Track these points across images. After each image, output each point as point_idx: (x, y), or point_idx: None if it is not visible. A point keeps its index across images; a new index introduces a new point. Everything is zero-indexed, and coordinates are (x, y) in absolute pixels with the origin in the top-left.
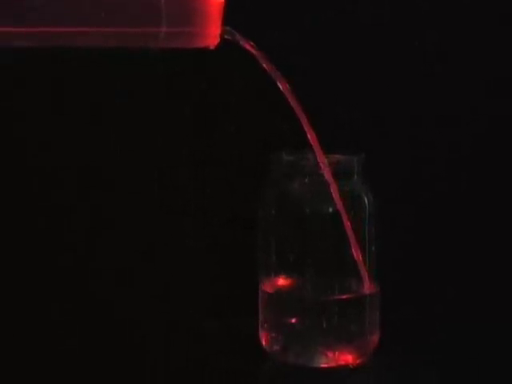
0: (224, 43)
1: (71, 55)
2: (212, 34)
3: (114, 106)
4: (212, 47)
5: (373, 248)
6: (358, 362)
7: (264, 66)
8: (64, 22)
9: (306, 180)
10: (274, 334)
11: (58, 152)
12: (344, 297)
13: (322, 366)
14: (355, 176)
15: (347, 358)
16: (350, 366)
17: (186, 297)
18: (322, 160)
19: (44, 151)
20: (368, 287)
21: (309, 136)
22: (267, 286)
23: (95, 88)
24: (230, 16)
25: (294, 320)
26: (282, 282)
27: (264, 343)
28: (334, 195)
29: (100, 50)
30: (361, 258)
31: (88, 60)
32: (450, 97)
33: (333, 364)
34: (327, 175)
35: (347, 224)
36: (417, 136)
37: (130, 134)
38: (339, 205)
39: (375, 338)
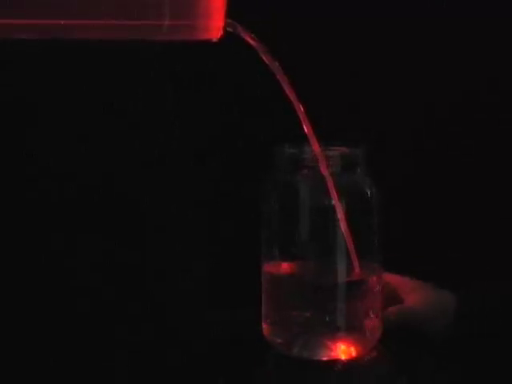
0: (226, 36)
1: (73, 48)
2: (215, 26)
3: (115, 99)
4: (215, 40)
5: (376, 239)
6: (359, 354)
7: (264, 58)
8: (66, 15)
9: (308, 172)
10: (276, 327)
11: (60, 150)
12: (342, 282)
13: (325, 358)
14: (358, 168)
15: (349, 351)
16: (340, 364)
17: (188, 288)
18: (318, 152)
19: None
20: (358, 274)
21: (305, 128)
22: (270, 273)
23: (98, 81)
24: (233, 9)
25: (295, 312)
26: (284, 269)
27: (267, 335)
28: (329, 186)
29: (103, 42)
30: (353, 247)
31: (91, 53)
32: (454, 90)
33: (335, 357)
34: (322, 167)
35: (341, 215)
36: (419, 129)
37: (132, 128)
38: (334, 196)
39: (378, 329)
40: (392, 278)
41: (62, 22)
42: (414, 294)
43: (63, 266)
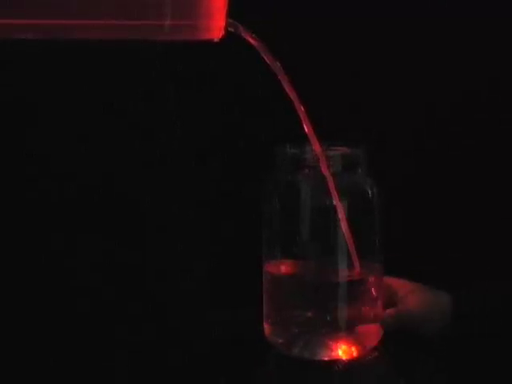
0: (228, 36)
1: (73, 48)
2: (216, 26)
3: (115, 99)
4: (216, 40)
5: (377, 239)
6: (360, 354)
7: (265, 58)
8: (67, 15)
9: (309, 172)
10: (277, 327)
11: (60, 150)
12: (343, 281)
13: (325, 358)
14: (359, 168)
15: (350, 351)
16: (341, 364)
17: (189, 288)
18: (319, 152)
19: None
20: (359, 273)
21: (306, 128)
22: (271, 273)
23: (98, 81)
24: (234, 9)
25: (296, 312)
26: (285, 269)
27: (268, 335)
28: (329, 187)
29: (103, 42)
30: (353, 246)
31: (91, 53)
32: (454, 90)
33: (336, 357)
34: (323, 168)
35: (341, 215)
36: (420, 129)
37: (132, 128)
38: (334, 196)
39: (379, 329)
40: (389, 281)
41: (62, 22)
42: (411, 295)
43: (63, 266)
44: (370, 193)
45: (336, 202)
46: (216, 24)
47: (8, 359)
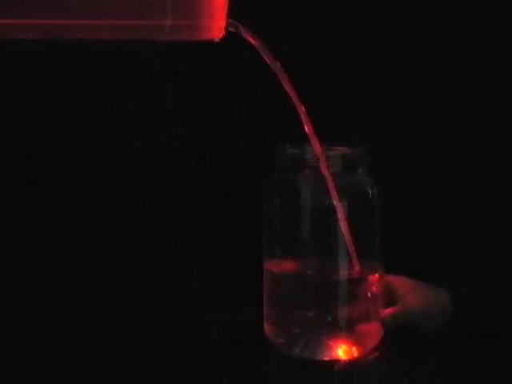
0: (228, 36)
1: (73, 48)
2: (217, 26)
3: (115, 99)
4: (217, 40)
5: (377, 239)
6: (361, 354)
7: (265, 58)
8: (67, 15)
9: (310, 172)
10: (278, 327)
11: (60, 150)
12: (343, 280)
13: (326, 358)
14: (359, 168)
15: (351, 351)
16: (341, 364)
17: (190, 288)
18: (319, 152)
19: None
20: (359, 272)
21: (306, 128)
22: (271, 272)
23: (98, 81)
24: (234, 9)
25: (297, 311)
26: (285, 267)
27: (268, 335)
28: (329, 187)
29: (103, 42)
30: (353, 246)
31: (91, 53)
32: (454, 90)
33: (336, 357)
34: (323, 167)
35: (341, 215)
36: (420, 129)
37: (132, 128)
38: (334, 196)
39: (379, 329)
40: (390, 279)
41: (62, 22)
42: (411, 294)
43: (63, 266)
44: (370, 193)
45: (336, 201)
46: (216, 24)
47: (8, 359)
